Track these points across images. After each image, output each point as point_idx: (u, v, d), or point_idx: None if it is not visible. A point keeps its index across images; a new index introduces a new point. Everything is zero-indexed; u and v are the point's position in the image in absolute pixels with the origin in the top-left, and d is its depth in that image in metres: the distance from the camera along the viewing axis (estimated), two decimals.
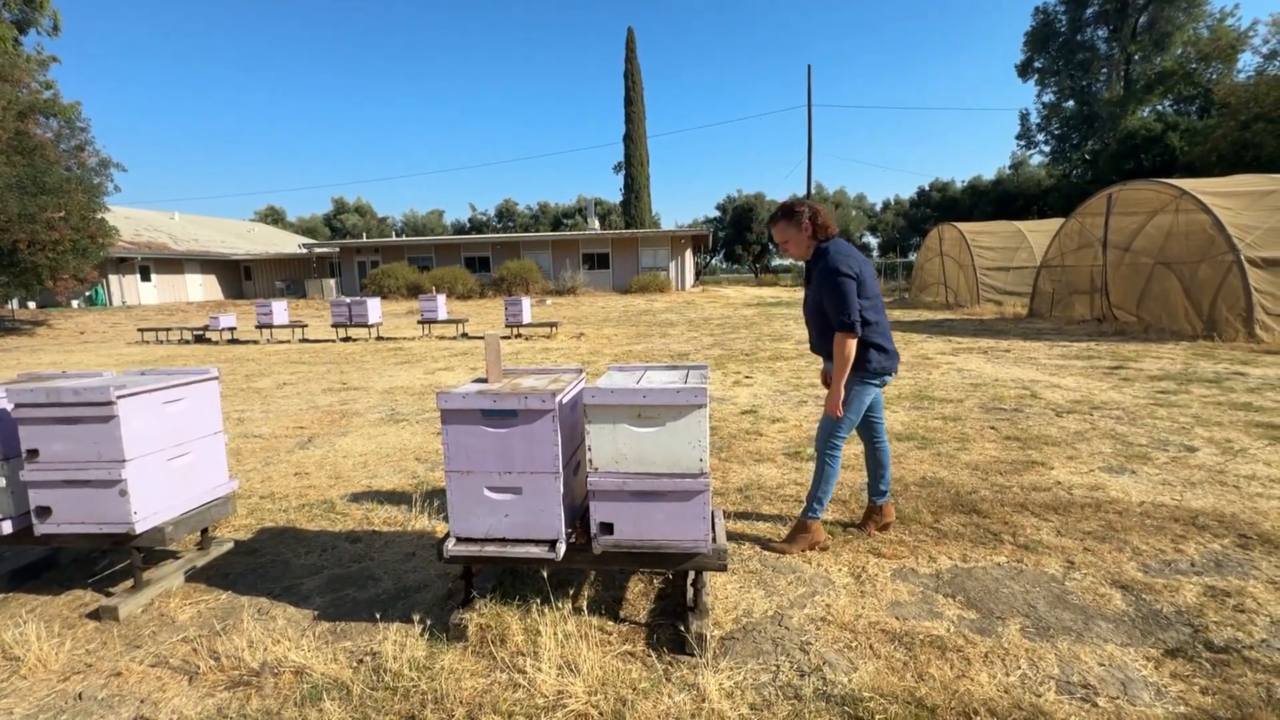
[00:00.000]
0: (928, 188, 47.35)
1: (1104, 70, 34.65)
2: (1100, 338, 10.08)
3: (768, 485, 3.77)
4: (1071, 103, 35.83)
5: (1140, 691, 1.88)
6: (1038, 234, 17.44)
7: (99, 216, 17.53)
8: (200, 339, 14.77)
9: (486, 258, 30.85)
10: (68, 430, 2.38)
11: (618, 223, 46.01)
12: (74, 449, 2.39)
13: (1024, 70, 37.42)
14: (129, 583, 2.64)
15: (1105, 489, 3.55)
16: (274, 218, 60.37)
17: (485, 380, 2.47)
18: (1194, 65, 30.02)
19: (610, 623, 2.34)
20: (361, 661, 2.12)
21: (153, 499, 2.51)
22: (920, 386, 6.64)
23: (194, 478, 2.73)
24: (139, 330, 15.20)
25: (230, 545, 3.06)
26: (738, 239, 49.18)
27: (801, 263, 2.91)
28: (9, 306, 23.06)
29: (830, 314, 2.62)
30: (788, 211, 2.73)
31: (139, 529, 2.45)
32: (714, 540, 2.27)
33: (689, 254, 31.22)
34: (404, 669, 2.03)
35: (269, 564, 2.94)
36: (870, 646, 2.15)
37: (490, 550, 2.20)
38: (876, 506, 3.04)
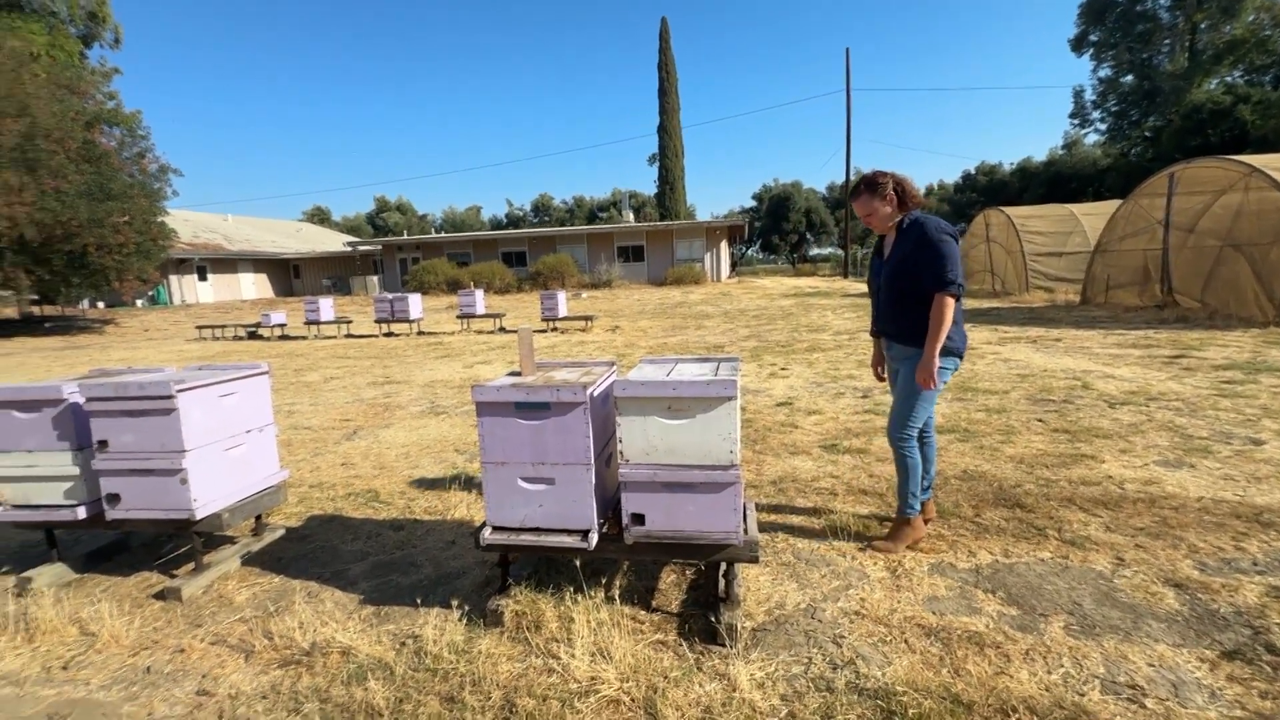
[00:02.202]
0: (974, 171, 45.66)
1: (1166, 41, 32.65)
2: (1160, 325, 9.58)
3: (802, 478, 3.73)
4: (1131, 77, 33.91)
5: (1192, 694, 1.81)
6: (1092, 217, 16.64)
7: (159, 220, 18.45)
8: (253, 335, 15.43)
9: (523, 252, 31.22)
10: (133, 422, 2.54)
11: (653, 215, 45.89)
12: (139, 440, 2.55)
13: (1078, 44, 35.60)
14: (190, 566, 2.80)
15: (1161, 483, 3.39)
16: (320, 217, 62.41)
17: (519, 373, 2.52)
18: (1268, 32, 28.03)
19: (643, 612, 2.37)
20: (404, 644, 2.21)
21: (210, 487, 2.66)
22: (963, 378, 6.45)
23: (248, 467, 2.87)
24: (197, 328, 15.98)
25: (282, 532, 3.21)
26: (774, 229, 48.50)
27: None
28: (81, 307, 24.56)
29: (929, 277, 2.49)
30: (870, 183, 2.65)
31: (198, 515, 2.60)
32: (745, 532, 2.27)
33: (724, 245, 30.94)
34: (444, 652, 2.10)
35: (318, 550, 3.08)
36: (905, 641, 2.12)
37: (525, 539, 2.26)
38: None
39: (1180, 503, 3.12)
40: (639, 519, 2.20)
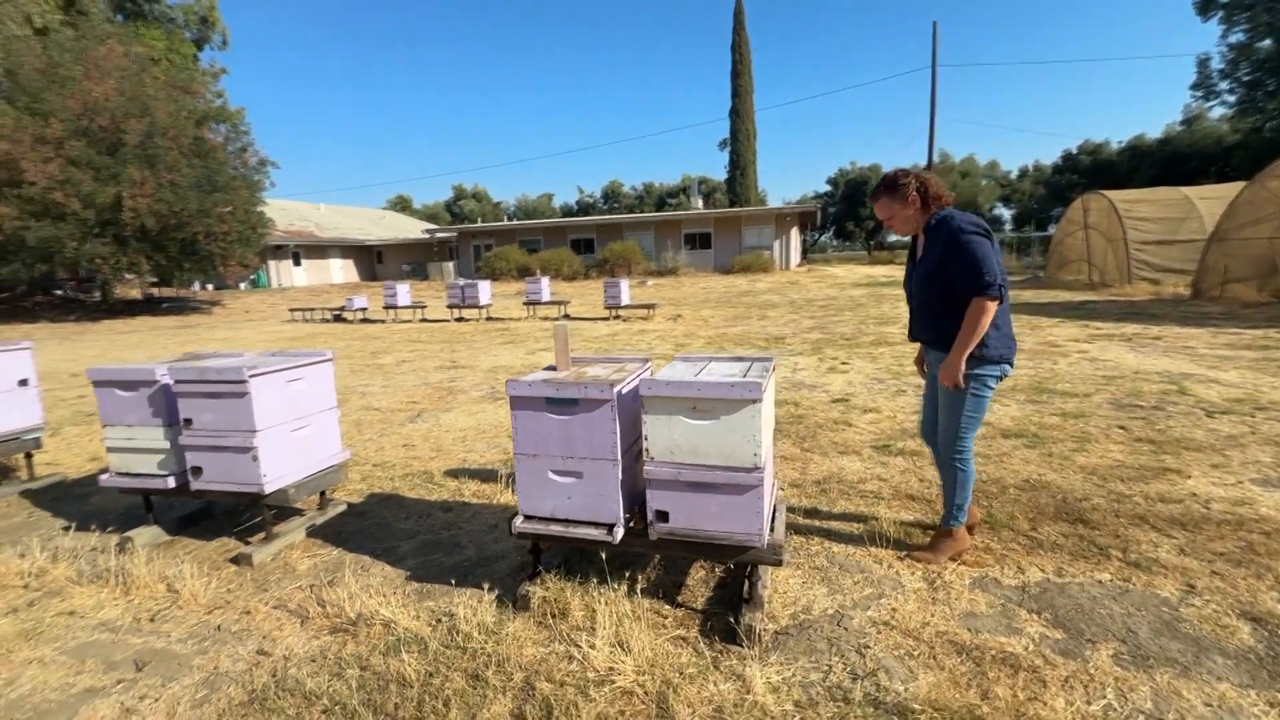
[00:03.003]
0: (1075, 151, 42.20)
1: None
2: None
3: (848, 479, 3.64)
4: (1269, 42, 30.07)
5: None
6: (1211, 201, 15.02)
7: (259, 209, 19.97)
8: (338, 318, 16.49)
9: (591, 239, 31.61)
10: (213, 403, 2.81)
11: (723, 201, 45.24)
12: (217, 419, 2.81)
13: (1205, 7, 31.89)
14: (262, 535, 3.08)
15: (1254, 504, 3.07)
16: (402, 205, 65.53)
17: (555, 368, 2.59)
18: None
19: (667, 607, 2.41)
20: (440, 621, 2.35)
21: (278, 464, 2.90)
22: (1040, 378, 6.04)
23: (312, 447, 3.11)
24: (290, 310, 17.25)
25: (344, 507, 3.46)
26: (850, 214, 46.73)
27: (907, 238, 2.67)
28: (193, 289, 27.00)
29: (963, 281, 2.29)
30: (890, 184, 2.49)
31: (267, 490, 2.84)
32: (771, 534, 2.26)
33: (795, 232, 30.12)
34: (474, 631, 2.22)
35: (374, 526, 3.30)
36: (934, 656, 2.05)
37: (554, 529, 2.34)
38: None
39: (1275, 527, 2.82)
40: (663, 516, 2.23)
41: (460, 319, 15.00)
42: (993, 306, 2.30)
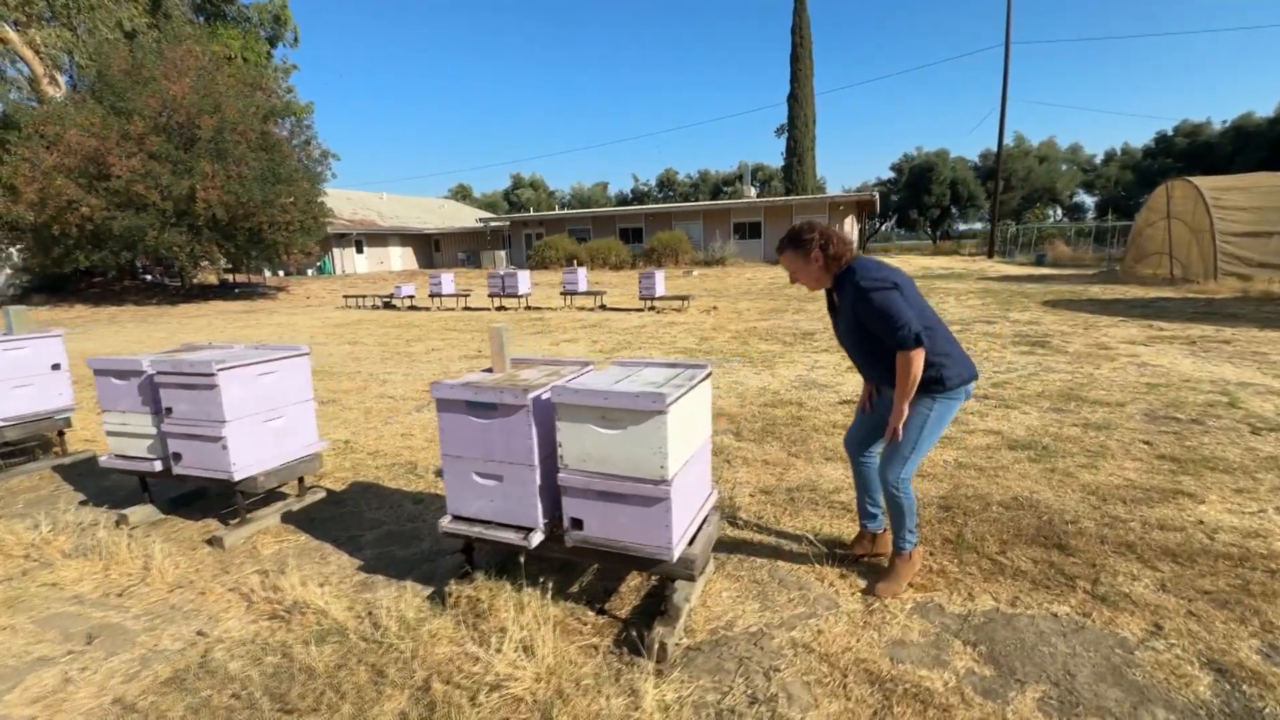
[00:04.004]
0: (1171, 132, 38.82)
1: None
2: None
3: (824, 488, 3.50)
4: None
5: None
6: None
7: (320, 200, 20.98)
8: (388, 305, 17.18)
9: (640, 229, 31.57)
10: (188, 394, 2.98)
11: (779, 189, 44.16)
12: (192, 409, 2.98)
13: None
14: (238, 520, 3.26)
15: (1268, 537, 2.76)
16: (462, 194, 67.35)
17: (491, 370, 2.60)
18: None
19: (590, 613, 2.39)
20: (369, 614, 2.42)
21: (248, 453, 3.05)
22: (1075, 384, 5.63)
23: (285, 438, 3.25)
24: (344, 296, 18.10)
25: (323, 494, 3.62)
26: (913, 202, 44.68)
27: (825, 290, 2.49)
28: (265, 275, 28.70)
29: (882, 334, 2.21)
30: (795, 238, 2.35)
31: (236, 476, 3.00)
32: (689, 546, 2.20)
33: (850, 221, 29.10)
34: (393, 626, 2.27)
35: (346, 514, 3.43)
36: (844, 685, 1.95)
37: (476, 530, 2.36)
38: (869, 533, 2.70)
39: None
40: (578, 523, 2.21)
41: (501, 308, 15.32)
42: (917, 355, 2.17)
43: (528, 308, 15.08)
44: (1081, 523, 2.97)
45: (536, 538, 2.27)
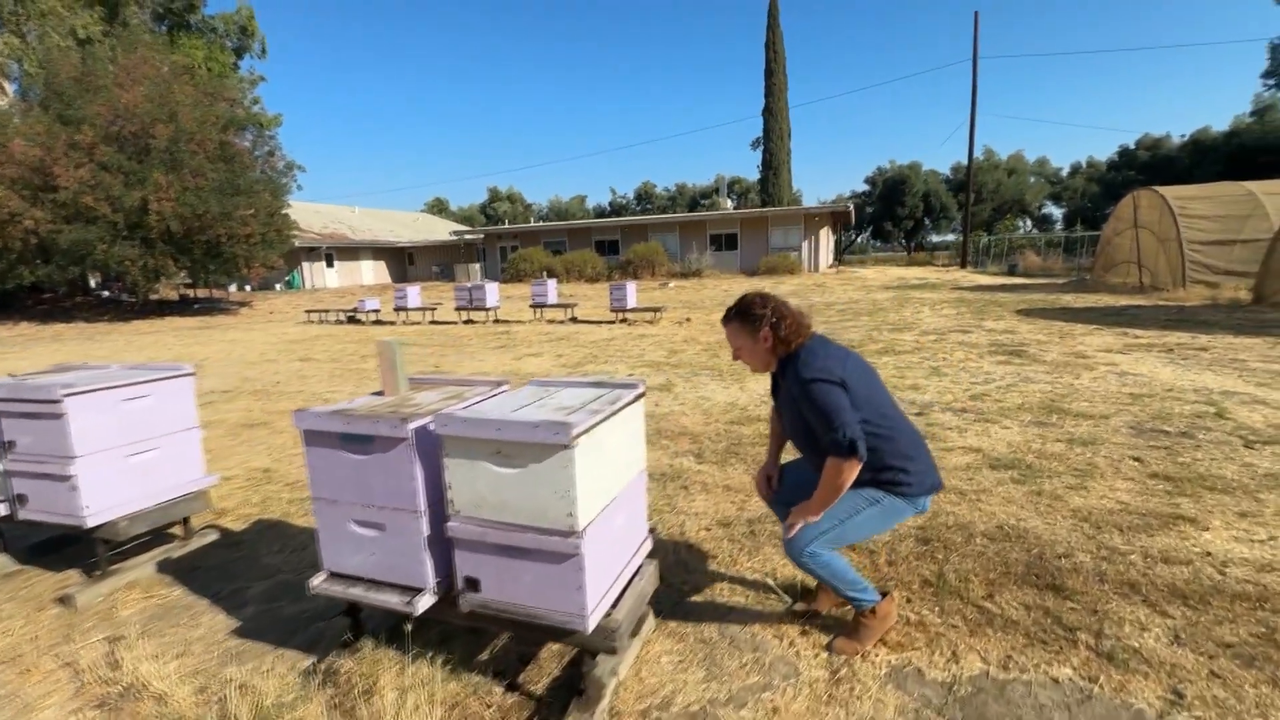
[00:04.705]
0: (1133, 146, 39.74)
1: None
2: None
3: None
4: None
5: None
6: (1279, 197, 13.68)
7: (283, 213, 20.29)
8: (352, 319, 16.55)
9: (616, 241, 31.28)
10: (31, 425, 2.50)
11: (756, 201, 44.32)
12: (35, 443, 2.50)
13: None
14: (118, 567, 2.76)
15: None
16: (439, 208, 66.66)
17: (382, 393, 2.17)
18: None
19: (498, 689, 1.95)
20: (221, 700, 1.95)
21: (107, 494, 2.57)
22: (1055, 394, 5.34)
23: (159, 474, 2.77)
24: (306, 312, 17.43)
25: (214, 536, 3.13)
26: (887, 214, 45.17)
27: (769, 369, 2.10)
28: (229, 290, 27.78)
29: (817, 431, 1.88)
30: (744, 311, 2.02)
31: (89, 523, 2.51)
32: (612, 610, 1.78)
33: (825, 233, 29.13)
34: (244, 716, 1.81)
35: (238, 560, 2.94)
36: None
37: (354, 592, 1.92)
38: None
39: None
40: (473, 584, 1.78)
41: (468, 321, 14.82)
42: (850, 466, 1.82)
43: (496, 321, 14.60)
44: (1076, 556, 2.61)
45: (424, 601, 1.83)
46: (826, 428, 1.82)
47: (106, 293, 24.12)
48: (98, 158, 16.09)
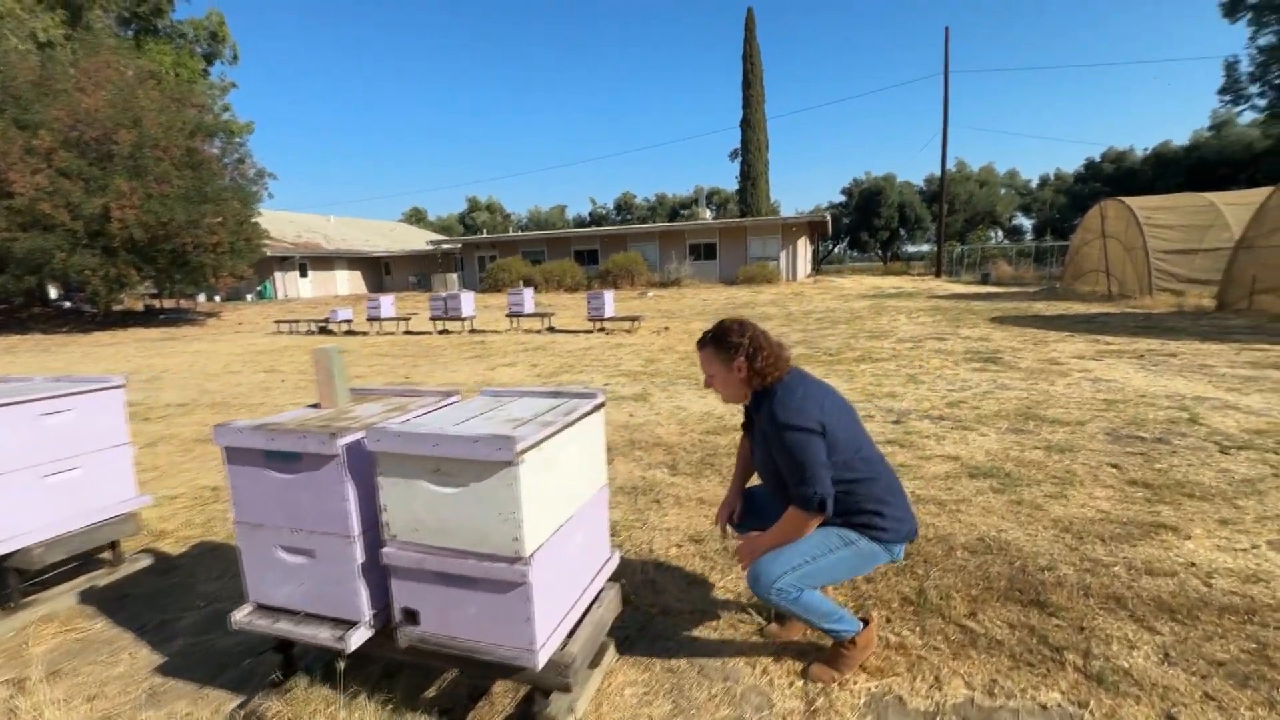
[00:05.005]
0: (1098, 158, 40.88)
1: None
2: None
3: None
4: None
5: None
6: (1238, 207, 14.03)
7: (253, 221, 19.82)
8: (323, 330, 16.15)
9: (595, 250, 31.17)
10: None
11: (734, 212, 44.63)
12: None
13: (1232, 9, 30.66)
14: (38, 594, 2.51)
15: (1270, 581, 2.36)
16: (417, 217, 65.99)
17: (319, 405, 2.00)
18: None
19: None
20: None
21: (19, 518, 2.34)
22: (1031, 401, 5.31)
23: (82, 495, 2.54)
24: (275, 322, 16.98)
25: (148, 562, 2.89)
26: (864, 225, 45.79)
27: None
28: (198, 300, 27.05)
29: (786, 477, 1.78)
30: (719, 337, 1.89)
31: None
32: (566, 642, 1.62)
33: (803, 242, 29.35)
34: None
35: (171, 588, 2.72)
36: None
37: (281, 627, 1.73)
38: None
39: None
40: (411, 616, 1.61)
41: (444, 331, 14.54)
42: (814, 521, 1.74)
43: (472, 330, 14.34)
44: (1059, 569, 2.51)
45: (358, 636, 1.65)
46: (798, 480, 1.71)
47: (68, 304, 23.32)
48: (56, 163, 15.56)
